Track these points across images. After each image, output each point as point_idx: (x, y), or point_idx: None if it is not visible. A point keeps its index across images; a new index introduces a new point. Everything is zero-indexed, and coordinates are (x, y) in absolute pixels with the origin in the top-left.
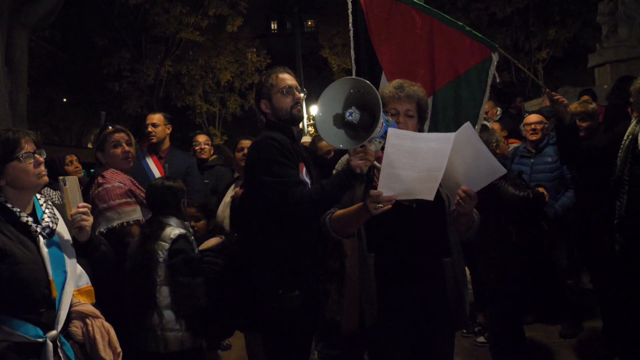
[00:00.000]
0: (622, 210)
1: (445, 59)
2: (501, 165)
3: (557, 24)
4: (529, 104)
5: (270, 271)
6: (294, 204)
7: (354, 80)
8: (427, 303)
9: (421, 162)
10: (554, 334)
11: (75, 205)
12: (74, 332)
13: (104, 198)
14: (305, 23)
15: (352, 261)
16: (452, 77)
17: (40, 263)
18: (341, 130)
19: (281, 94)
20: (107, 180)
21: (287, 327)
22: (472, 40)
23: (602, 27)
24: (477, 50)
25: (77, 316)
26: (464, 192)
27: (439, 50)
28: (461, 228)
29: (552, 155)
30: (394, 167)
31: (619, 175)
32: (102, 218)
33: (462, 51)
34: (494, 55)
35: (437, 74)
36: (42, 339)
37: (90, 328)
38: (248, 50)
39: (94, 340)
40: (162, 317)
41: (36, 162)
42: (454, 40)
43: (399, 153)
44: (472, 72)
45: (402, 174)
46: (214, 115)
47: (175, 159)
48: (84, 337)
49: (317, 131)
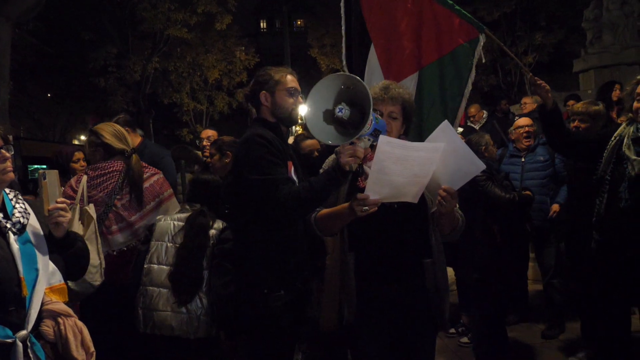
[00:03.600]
0: (602, 208)
1: (434, 36)
2: (480, 160)
3: (543, 29)
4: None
5: (256, 270)
6: (283, 202)
7: (345, 76)
8: (406, 303)
9: (410, 169)
10: (537, 334)
11: (54, 200)
12: (45, 332)
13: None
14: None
15: (333, 259)
16: (439, 54)
17: (11, 260)
18: (331, 126)
19: (287, 93)
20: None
21: (271, 326)
22: (461, 19)
23: (587, 33)
24: (465, 30)
25: (48, 315)
26: (444, 191)
27: (428, 27)
28: (444, 229)
29: (543, 155)
30: (382, 172)
31: (602, 175)
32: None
33: (451, 29)
34: (481, 37)
35: (424, 51)
36: (11, 339)
37: (63, 327)
38: (237, 49)
39: (66, 340)
40: (202, 302)
41: (1, 157)
42: (444, 18)
43: (389, 160)
44: (459, 51)
45: (391, 180)
46: (201, 113)
47: (144, 151)
48: (55, 336)
49: (305, 130)
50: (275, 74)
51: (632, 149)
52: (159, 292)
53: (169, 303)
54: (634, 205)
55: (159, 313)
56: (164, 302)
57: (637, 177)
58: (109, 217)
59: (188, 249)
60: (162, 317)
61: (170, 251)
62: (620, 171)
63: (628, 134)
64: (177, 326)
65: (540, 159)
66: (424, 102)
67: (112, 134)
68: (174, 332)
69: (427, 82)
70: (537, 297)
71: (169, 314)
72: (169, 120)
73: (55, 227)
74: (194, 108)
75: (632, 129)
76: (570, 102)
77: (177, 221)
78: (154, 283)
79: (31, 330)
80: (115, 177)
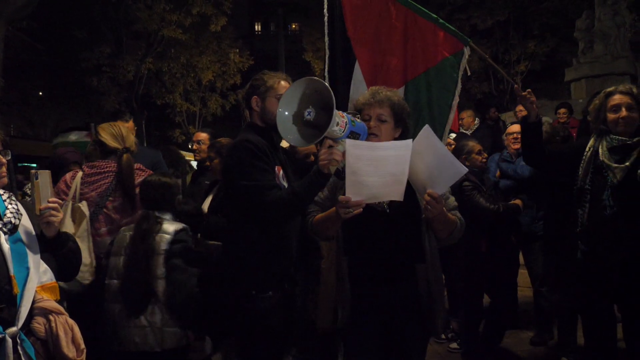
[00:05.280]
0: (584, 218)
1: (419, 50)
2: (462, 164)
3: (536, 38)
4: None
5: (244, 272)
6: (268, 207)
7: (314, 80)
8: (398, 306)
9: (383, 169)
10: (526, 340)
11: (46, 200)
12: (36, 329)
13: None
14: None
15: (329, 262)
16: (424, 68)
17: (1, 259)
18: (299, 128)
19: (277, 100)
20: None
21: (260, 328)
22: (445, 32)
23: (579, 43)
24: (450, 43)
25: (40, 312)
26: (429, 195)
27: (413, 41)
28: (440, 234)
29: None
30: (357, 175)
31: (581, 185)
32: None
33: (436, 43)
34: (466, 49)
35: (409, 65)
36: (1, 335)
37: (54, 324)
38: (231, 51)
39: (57, 337)
40: (162, 312)
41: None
42: (428, 32)
43: (360, 162)
44: (444, 64)
45: (367, 181)
46: (194, 114)
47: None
48: (46, 333)
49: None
50: (268, 80)
51: (610, 157)
52: (120, 308)
53: (130, 318)
54: (619, 212)
55: (122, 329)
56: (126, 318)
57: (620, 185)
58: (98, 218)
59: (133, 257)
60: (125, 333)
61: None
62: (600, 180)
63: (602, 145)
64: (141, 341)
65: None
66: (411, 115)
67: (109, 133)
68: (139, 347)
69: (413, 95)
70: (527, 303)
71: (131, 329)
72: (162, 121)
73: (46, 226)
74: (187, 109)
75: (606, 139)
76: (561, 110)
77: (131, 231)
78: (114, 299)
79: (22, 327)
80: (109, 177)
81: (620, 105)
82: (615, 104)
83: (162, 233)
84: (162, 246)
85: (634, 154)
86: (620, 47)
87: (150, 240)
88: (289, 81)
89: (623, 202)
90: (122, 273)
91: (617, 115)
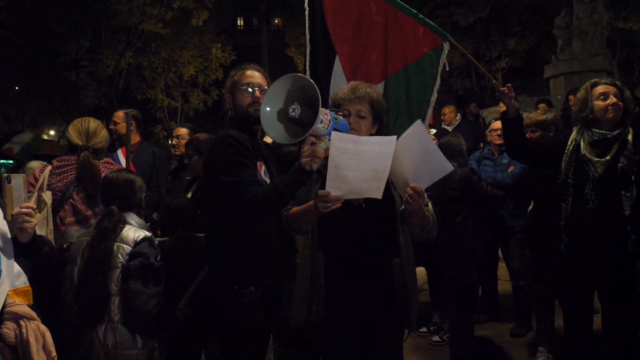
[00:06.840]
0: (568, 211)
1: (399, 45)
2: (449, 162)
3: (517, 35)
4: (487, 111)
5: (226, 268)
6: (249, 203)
7: (299, 77)
8: (373, 301)
9: (366, 164)
10: (506, 332)
11: (19, 205)
12: (5, 334)
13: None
14: (272, 21)
15: (304, 257)
16: (404, 63)
17: None
18: (283, 125)
19: (242, 91)
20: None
21: (242, 324)
22: (425, 28)
23: (558, 40)
24: (429, 38)
25: (10, 317)
26: (412, 189)
27: (393, 36)
28: (414, 229)
29: (507, 157)
30: (339, 168)
31: (564, 179)
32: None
33: (416, 38)
34: (445, 45)
35: (389, 60)
36: None
37: (24, 330)
38: (213, 46)
39: (27, 343)
40: (115, 335)
41: None
42: (408, 27)
43: (344, 156)
44: (424, 59)
45: (348, 175)
46: (175, 110)
47: (142, 153)
48: (16, 339)
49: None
50: (235, 74)
51: (591, 151)
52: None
53: (85, 334)
54: (601, 206)
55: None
56: (80, 334)
57: (601, 178)
58: (64, 208)
59: (89, 262)
60: (82, 349)
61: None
62: (582, 174)
63: (584, 138)
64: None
65: (504, 162)
66: (391, 110)
67: (76, 129)
68: None
69: (393, 90)
70: (507, 297)
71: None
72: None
73: (19, 232)
74: (169, 105)
75: (587, 133)
76: (541, 105)
77: (87, 236)
78: (69, 311)
79: None
80: (75, 170)
81: (608, 93)
82: (603, 92)
83: (121, 242)
84: (119, 258)
85: (614, 148)
86: (598, 45)
87: (109, 242)
88: (256, 69)
89: (604, 195)
90: (76, 284)
91: (605, 103)
